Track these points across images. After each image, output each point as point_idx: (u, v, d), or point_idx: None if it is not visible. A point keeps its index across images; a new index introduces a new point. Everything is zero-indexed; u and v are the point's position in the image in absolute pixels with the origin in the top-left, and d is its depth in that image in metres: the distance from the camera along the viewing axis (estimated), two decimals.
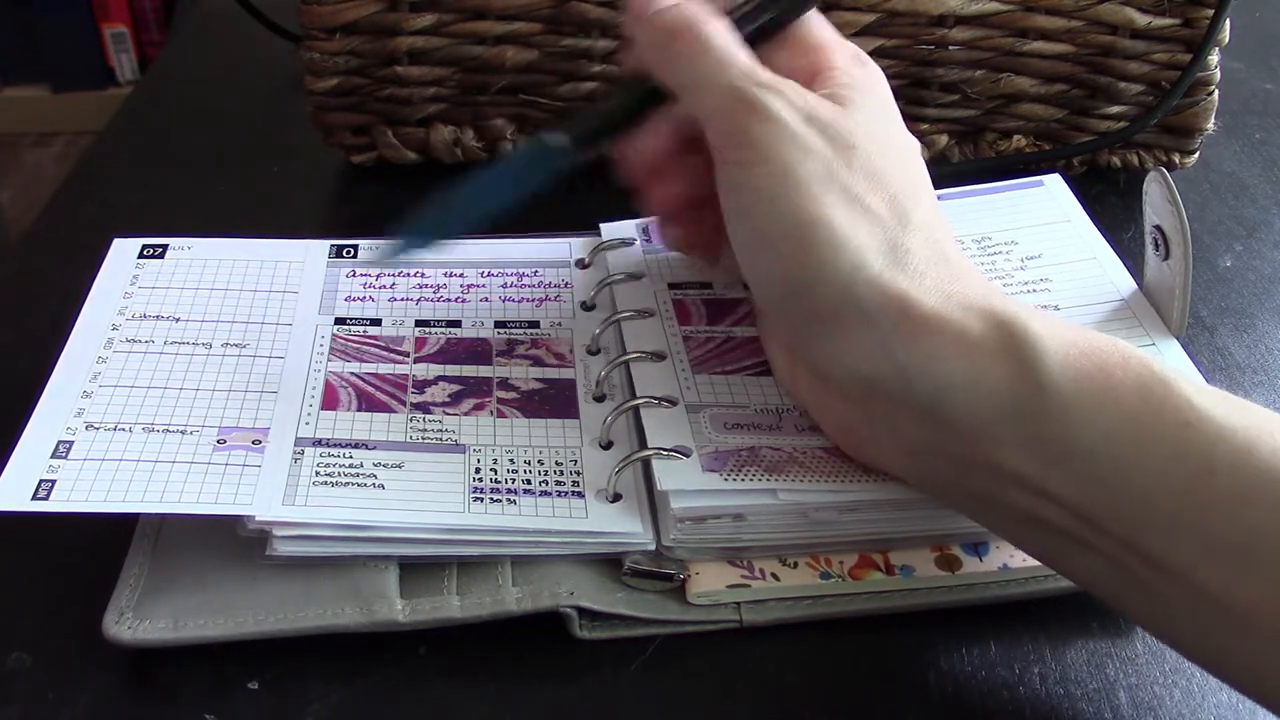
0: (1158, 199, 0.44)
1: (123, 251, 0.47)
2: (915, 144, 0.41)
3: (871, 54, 0.54)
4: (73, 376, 0.41)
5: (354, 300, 0.46)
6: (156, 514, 0.38)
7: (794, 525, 0.38)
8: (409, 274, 0.47)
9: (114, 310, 0.44)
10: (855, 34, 0.54)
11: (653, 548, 0.38)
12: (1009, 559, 0.39)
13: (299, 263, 0.47)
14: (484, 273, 0.48)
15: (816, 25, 0.41)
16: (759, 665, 0.37)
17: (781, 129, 0.36)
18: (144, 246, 0.47)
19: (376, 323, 0.45)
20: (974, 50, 0.55)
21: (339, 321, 0.45)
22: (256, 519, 0.36)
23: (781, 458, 0.39)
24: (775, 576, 0.38)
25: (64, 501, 0.36)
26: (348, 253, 0.48)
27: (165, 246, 0.47)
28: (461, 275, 0.48)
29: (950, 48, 0.55)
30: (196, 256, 0.47)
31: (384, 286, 0.47)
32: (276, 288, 0.46)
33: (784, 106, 0.37)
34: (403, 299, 0.46)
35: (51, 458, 0.38)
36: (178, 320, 0.44)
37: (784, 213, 0.36)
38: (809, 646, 0.37)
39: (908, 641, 0.38)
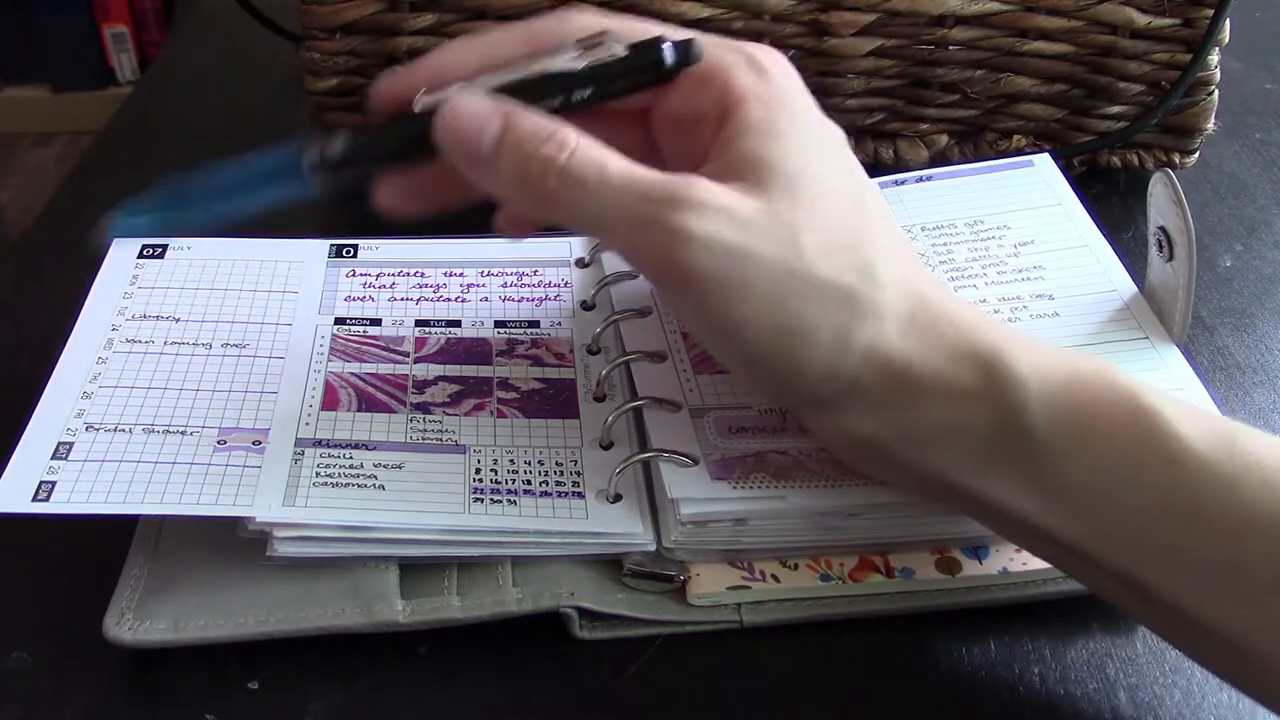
0: (1163, 200, 0.44)
1: (123, 251, 0.47)
2: (838, 136, 0.36)
3: (871, 54, 0.55)
4: (73, 377, 0.41)
5: (354, 300, 0.46)
6: (156, 515, 0.38)
7: (796, 529, 0.38)
8: (409, 274, 0.47)
9: (114, 311, 0.44)
10: (855, 34, 0.54)
11: (653, 549, 0.38)
12: (1009, 562, 0.39)
13: (299, 262, 0.47)
14: (484, 272, 0.48)
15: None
16: (759, 666, 0.37)
17: (715, 250, 0.32)
18: (144, 247, 0.47)
19: (376, 323, 0.45)
20: (974, 50, 0.55)
21: (339, 321, 0.45)
22: (257, 520, 0.36)
23: (788, 462, 0.39)
24: (775, 578, 0.38)
25: (64, 503, 0.36)
26: (348, 252, 0.48)
27: (165, 246, 0.47)
28: (461, 275, 0.48)
29: (950, 48, 0.55)
30: (196, 257, 0.47)
31: (384, 286, 0.47)
32: (276, 288, 0.46)
33: (705, 224, 0.32)
34: (403, 299, 0.46)
35: (52, 459, 0.38)
36: (177, 320, 0.44)
37: (752, 331, 0.33)
38: (809, 647, 0.37)
39: (908, 642, 0.38)
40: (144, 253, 0.47)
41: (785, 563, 0.39)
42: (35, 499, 0.36)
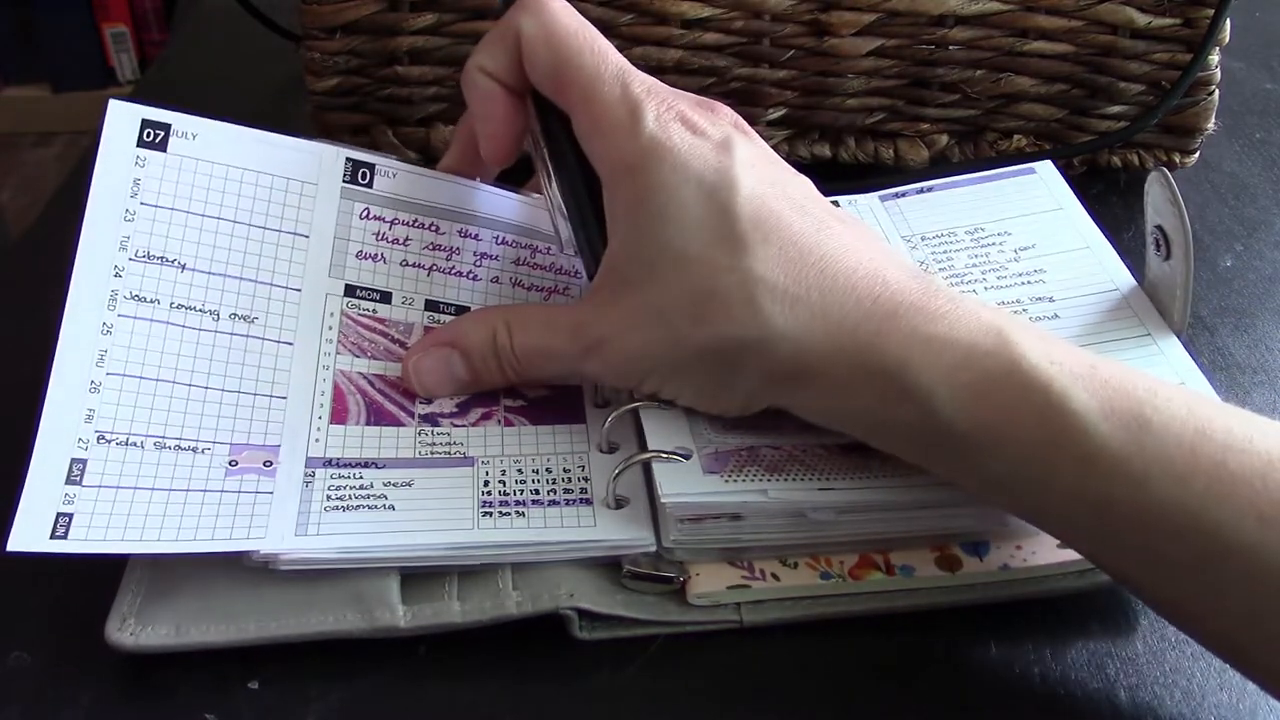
0: (1159, 199, 0.44)
1: (121, 126, 0.43)
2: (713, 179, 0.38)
3: (871, 54, 0.55)
4: (79, 353, 0.39)
5: (365, 259, 0.44)
6: (172, 554, 0.37)
7: (792, 525, 0.38)
8: (423, 225, 0.45)
9: (116, 245, 0.41)
10: (855, 34, 0.54)
11: (654, 549, 0.38)
12: (1009, 559, 0.39)
13: (311, 184, 0.44)
14: (499, 239, 0.46)
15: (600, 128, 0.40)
16: (759, 665, 0.37)
17: (618, 362, 0.40)
18: (144, 125, 0.43)
19: (386, 298, 0.44)
20: (974, 50, 0.55)
21: (348, 291, 0.44)
22: (267, 551, 0.36)
23: (782, 457, 0.39)
24: (775, 577, 0.38)
25: (81, 540, 0.36)
26: (363, 177, 0.45)
27: (168, 129, 0.43)
28: (477, 238, 0.46)
29: (950, 48, 0.55)
30: (203, 156, 0.43)
31: (395, 241, 0.45)
32: (287, 227, 0.44)
33: (604, 355, 0.39)
34: (414, 264, 0.45)
35: (66, 483, 0.36)
36: (183, 268, 0.41)
37: (684, 398, 0.40)
38: (809, 646, 0.37)
39: (908, 641, 0.38)
40: (144, 138, 0.43)
41: (785, 561, 0.39)
42: (53, 535, 0.35)
